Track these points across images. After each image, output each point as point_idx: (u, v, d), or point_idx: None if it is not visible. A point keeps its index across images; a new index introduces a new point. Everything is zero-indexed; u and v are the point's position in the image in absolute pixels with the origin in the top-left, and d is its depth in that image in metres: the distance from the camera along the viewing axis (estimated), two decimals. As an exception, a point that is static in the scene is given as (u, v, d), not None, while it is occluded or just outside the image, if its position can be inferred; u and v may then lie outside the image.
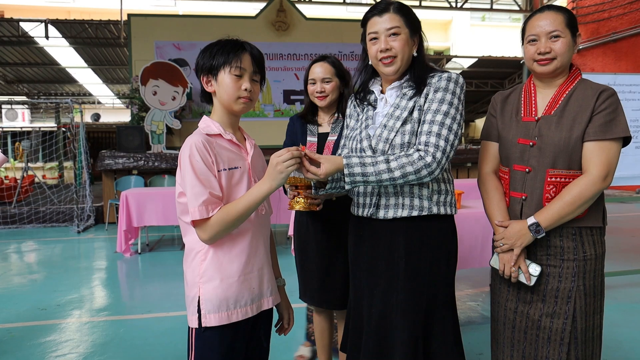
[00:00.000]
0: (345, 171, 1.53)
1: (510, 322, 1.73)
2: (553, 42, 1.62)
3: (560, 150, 1.61)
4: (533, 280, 1.64)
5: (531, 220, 1.62)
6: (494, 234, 1.74)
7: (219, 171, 1.48)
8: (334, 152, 2.15)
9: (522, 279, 1.65)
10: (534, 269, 1.64)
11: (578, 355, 1.62)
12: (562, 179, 1.62)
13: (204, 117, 1.60)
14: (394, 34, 1.61)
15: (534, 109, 1.70)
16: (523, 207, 1.68)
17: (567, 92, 1.65)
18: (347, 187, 1.57)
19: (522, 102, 1.74)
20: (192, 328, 1.50)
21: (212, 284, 1.48)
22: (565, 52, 1.62)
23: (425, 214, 1.62)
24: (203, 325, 1.47)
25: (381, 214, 1.66)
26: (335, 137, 2.19)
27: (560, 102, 1.65)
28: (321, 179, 1.56)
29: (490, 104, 1.87)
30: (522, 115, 1.71)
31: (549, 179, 1.63)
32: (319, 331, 2.41)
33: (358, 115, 1.79)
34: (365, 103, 1.77)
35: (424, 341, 1.64)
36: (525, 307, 1.69)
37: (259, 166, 1.64)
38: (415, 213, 1.62)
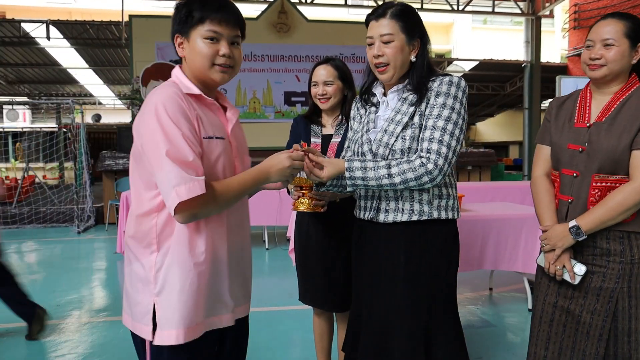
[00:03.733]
0: (347, 174, 1.55)
1: (548, 316, 1.78)
2: (606, 50, 1.65)
3: (607, 156, 1.63)
4: (577, 280, 1.69)
5: (572, 223, 1.66)
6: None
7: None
8: (337, 155, 2.15)
9: (567, 277, 1.70)
10: (579, 269, 1.68)
11: (617, 353, 1.64)
12: (608, 184, 1.65)
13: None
14: (387, 41, 1.59)
15: (587, 116, 1.73)
16: (569, 210, 1.73)
17: (621, 99, 1.68)
18: (348, 189, 1.59)
19: (577, 108, 1.77)
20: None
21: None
22: (617, 61, 1.64)
23: (425, 218, 1.62)
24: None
25: (381, 217, 1.66)
26: (339, 139, 2.19)
27: (613, 109, 1.67)
28: (323, 182, 1.58)
29: (547, 108, 1.91)
30: (575, 121, 1.75)
31: (594, 184, 1.66)
32: (318, 333, 2.40)
33: (361, 117, 1.79)
34: (369, 105, 1.77)
35: (426, 346, 1.63)
36: (566, 302, 1.74)
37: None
38: (415, 217, 1.61)
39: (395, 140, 1.61)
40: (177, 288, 1.29)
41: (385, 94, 1.73)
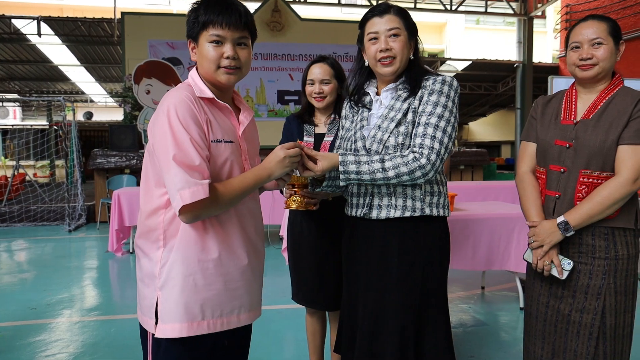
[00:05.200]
0: (340, 168, 1.57)
1: (542, 316, 1.80)
2: (595, 49, 1.69)
3: (594, 152, 1.67)
4: (565, 274, 1.71)
5: (560, 219, 1.69)
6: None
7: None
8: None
9: (555, 272, 1.72)
10: (567, 264, 1.70)
11: (606, 350, 1.67)
12: (595, 180, 1.68)
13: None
14: (394, 34, 1.63)
15: (573, 113, 1.76)
16: (556, 206, 1.75)
17: (607, 97, 1.72)
18: (341, 184, 1.60)
19: (563, 106, 1.81)
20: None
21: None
22: (607, 59, 1.69)
23: (418, 214, 1.63)
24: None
25: (374, 214, 1.67)
26: (332, 138, 2.19)
27: (599, 107, 1.71)
28: (317, 176, 1.60)
29: (532, 107, 1.96)
30: (562, 118, 1.78)
31: (581, 179, 1.69)
32: (310, 332, 2.40)
33: (353, 116, 1.80)
34: (360, 105, 1.78)
35: (415, 341, 1.65)
36: (556, 302, 1.76)
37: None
38: (407, 214, 1.63)
39: (388, 137, 1.63)
40: (180, 284, 1.34)
41: (378, 93, 1.75)
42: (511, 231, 3.54)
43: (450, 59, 15.78)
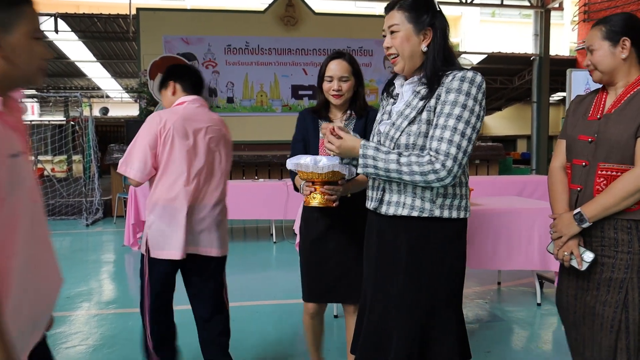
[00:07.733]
0: (360, 151, 1.56)
1: (572, 308, 1.84)
2: (591, 55, 1.77)
3: (613, 145, 1.67)
4: (584, 266, 1.71)
5: (576, 210, 1.72)
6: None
7: None
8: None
9: (574, 263, 1.73)
10: (588, 256, 1.71)
11: (630, 345, 1.67)
12: (613, 173, 1.68)
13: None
14: (392, 31, 1.60)
15: (601, 110, 1.79)
16: (578, 199, 1.78)
17: (632, 92, 1.72)
18: (359, 170, 1.59)
19: (594, 103, 1.83)
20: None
21: None
22: (600, 62, 1.74)
23: (426, 215, 1.58)
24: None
25: (383, 209, 1.65)
26: None
27: (623, 101, 1.72)
28: (336, 153, 1.65)
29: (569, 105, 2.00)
30: (590, 115, 1.81)
31: (599, 172, 1.71)
32: (311, 332, 2.42)
33: (383, 108, 1.79)
34: (389, 97, 1.76)
35: (423, 340, 1.60)
36: (583, 294, 1.78)
37: None
38: (415, 214, 1.58)
39: (400, 135, 1.59)
40: None
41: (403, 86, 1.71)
42: (531, 226, 3.45)
43: (465, 52, 15.60)
